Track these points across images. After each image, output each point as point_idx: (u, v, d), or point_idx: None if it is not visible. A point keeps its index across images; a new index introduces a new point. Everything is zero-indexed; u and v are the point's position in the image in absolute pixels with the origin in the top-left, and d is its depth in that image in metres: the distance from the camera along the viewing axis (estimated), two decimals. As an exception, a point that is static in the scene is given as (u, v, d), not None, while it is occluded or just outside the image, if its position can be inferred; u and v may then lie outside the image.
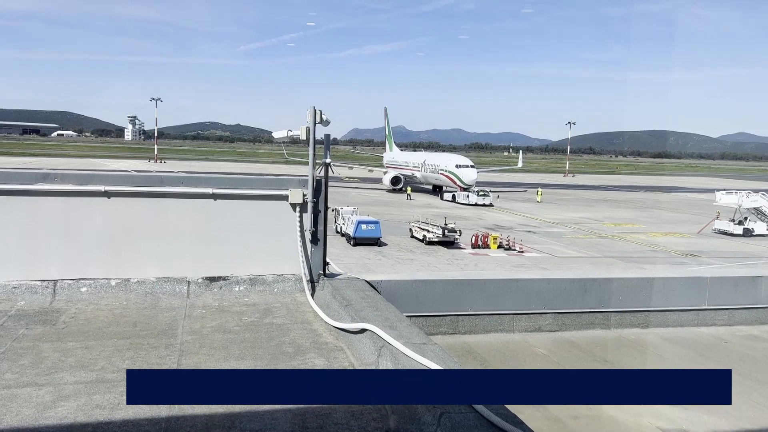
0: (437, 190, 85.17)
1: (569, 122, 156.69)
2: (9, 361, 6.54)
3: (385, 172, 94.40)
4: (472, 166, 79.15)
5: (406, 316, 8.25)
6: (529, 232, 52.94)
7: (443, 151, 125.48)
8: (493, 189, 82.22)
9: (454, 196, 76.86)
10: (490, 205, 72.16)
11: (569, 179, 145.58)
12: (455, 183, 77.87)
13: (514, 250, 43.55)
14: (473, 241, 44.43)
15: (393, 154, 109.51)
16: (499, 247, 44.13)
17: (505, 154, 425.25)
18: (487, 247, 44.05)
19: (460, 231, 44.69)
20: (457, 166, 78.73)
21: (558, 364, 9.60)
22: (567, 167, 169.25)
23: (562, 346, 10.35)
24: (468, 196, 73.61)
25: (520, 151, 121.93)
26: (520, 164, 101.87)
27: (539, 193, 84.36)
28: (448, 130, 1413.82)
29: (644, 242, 49.71)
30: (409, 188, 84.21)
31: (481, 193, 73.72)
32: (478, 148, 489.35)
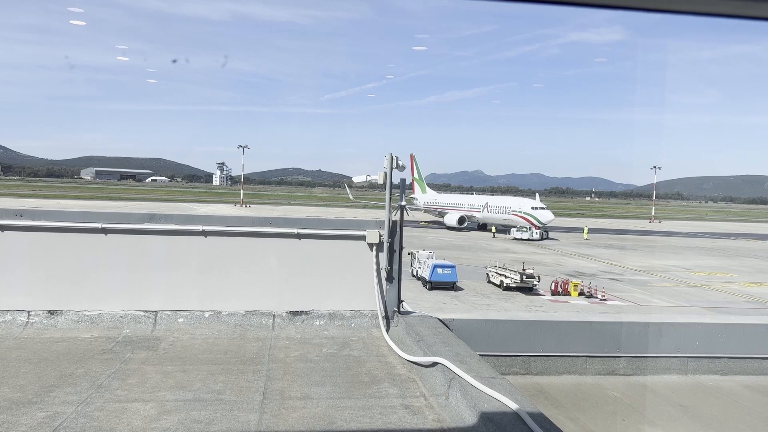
0: (485, 228, 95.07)
1: (654, 167, 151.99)
2: (119, 380, 7.38)
3: (432, 212, 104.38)
4: (546, 208, 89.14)
5: (478, 354, 8.54)
6: (613, 279, 51.30)
7: (522, 195, 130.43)
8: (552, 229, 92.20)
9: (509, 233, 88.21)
10: (532, 239, 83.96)
11: (655, 225, 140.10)
12: (531, 223, 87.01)
13: (596, 297, 42.26)
14: (553, 288, 43.55)
15: (433, 196, 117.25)
16: (581, 294, 42.97)
17: (587, 199, 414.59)
18: (568, 294, 43.01)
19: (538, 277, 43.99)
20: (533, 208, 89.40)
21: (632, 408, 9.53)
22: (653, 213, 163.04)
23: (637, 390, 10.23)
24: (520, 232, 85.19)
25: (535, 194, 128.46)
26: None
27: (585, 231, 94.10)
28: (527, 175, 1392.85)
29: (737, 292, 47.07)
30: (493, 227, 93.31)
31: (524, 228, 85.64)
32: (558, 193, 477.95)
